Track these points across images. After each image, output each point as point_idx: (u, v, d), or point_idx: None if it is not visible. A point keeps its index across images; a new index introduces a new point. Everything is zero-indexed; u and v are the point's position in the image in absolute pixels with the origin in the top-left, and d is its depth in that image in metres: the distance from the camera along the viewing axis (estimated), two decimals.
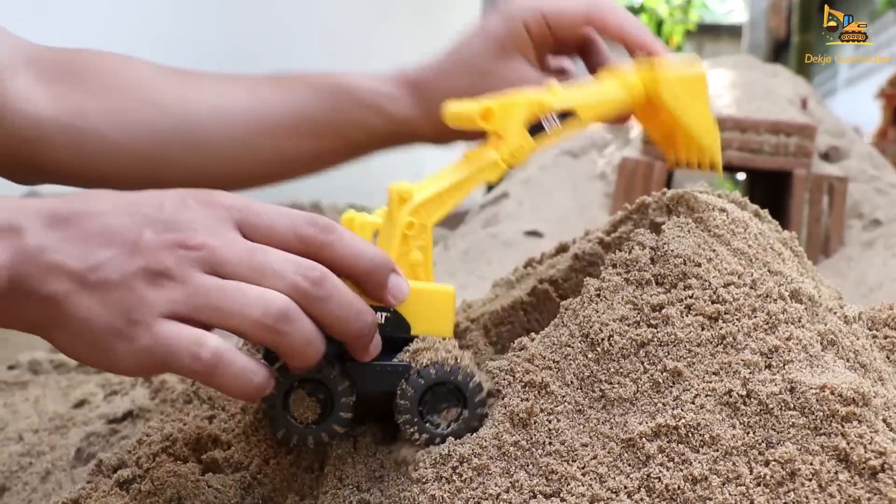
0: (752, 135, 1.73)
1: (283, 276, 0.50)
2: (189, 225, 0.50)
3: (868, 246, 1.69)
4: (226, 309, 0.48)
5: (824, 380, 0.57)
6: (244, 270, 0.50)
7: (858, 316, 0.68)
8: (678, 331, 0.58)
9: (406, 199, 0.60)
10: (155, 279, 0.48)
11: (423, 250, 0.59)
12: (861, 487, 0.53)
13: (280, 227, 0.52)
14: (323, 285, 0.50)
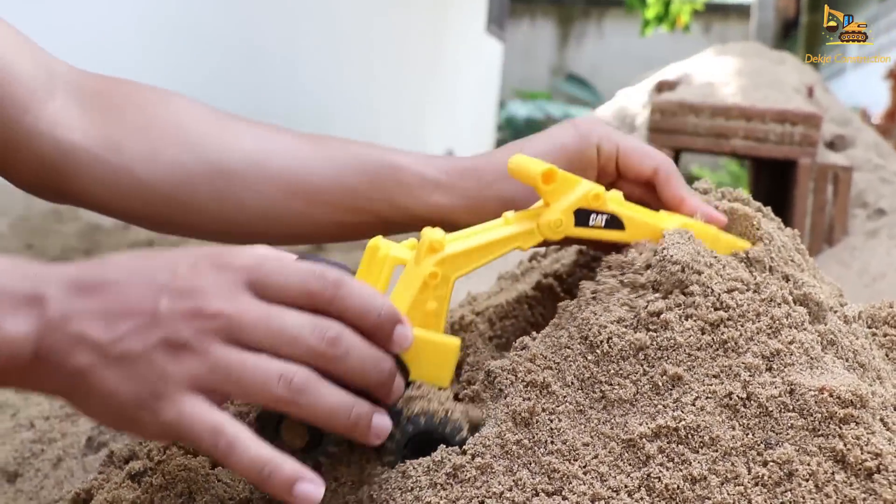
0: (758, 123, 1.74)
1: (300, 341, 0.51)
2: (204, 291, 0.51)
3: (872, 235, 1.69)
4: (246, 383, 0.50)
5: (823, 382, 0.57)
6: (261, 336, 0.50)
7: (858, 315, 0.69)
8: (677, 335, 0.59)
9: (436, 248, 0.60)
10: (175, 351, 0.49)
11: (440, 300, 0.59)
12: (857, 488, 0.54)
13: (291, 285, 0.52)
14: (339, 344, 0.51)
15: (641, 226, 0.66)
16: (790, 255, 0.68)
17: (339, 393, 0.52)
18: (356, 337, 0.53)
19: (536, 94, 7.11)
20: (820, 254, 1.72)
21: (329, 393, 0.51)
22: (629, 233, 0.65)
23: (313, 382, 0.51)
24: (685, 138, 1.80)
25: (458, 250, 0.60)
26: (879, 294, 1.51)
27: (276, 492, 0.50)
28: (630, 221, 0.65)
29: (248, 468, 0.49)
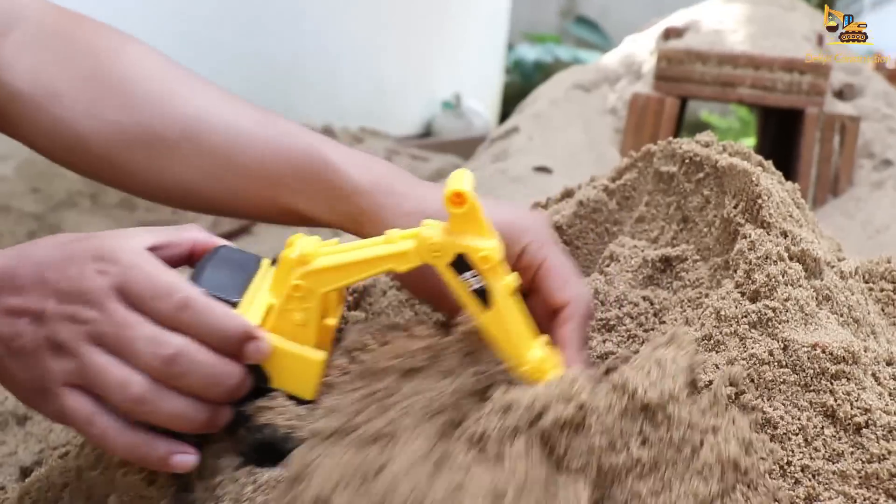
0: (766, 72, 1.72)
1: (139, 356, 0.55)
2: (83, 296, 0.56)
3: (877, 186, 1.69)
4: (101, 386, 0.55)
5: (816, 338, 0.58)
6: (114, 346, 0.55)
7: (855, 270, 0.69)
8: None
9: (304, 261, 0.58)
10: (55, 350, 0.56)
11: (307, 312, 0.58)
12: (845, 442, 0.55)
13: (146, 301, 0.56)
14: (176, 363, 0.55)
15: (505, 326, 0.57)
16: (788, 211, 0.68)
17: (178, 402, 0.56)
18: (201, 353, 0.56)
19: (545, 38, 7.02)
20: (825, 204, 1.71)
21: (167, 403, 0.56)
22: (489, 319, 0.57)
23: (151, 394, 0.55)
24: (692, 86, 1.78)
25: (326, 265, 0.58)
26: (882, 246, 1.51)
27: (155, 468, 0.58)
28: (499, 312, 0.57)
29: (123, 453, 0.57)
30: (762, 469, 0.54)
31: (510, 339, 0.58)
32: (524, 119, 2.06)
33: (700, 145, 0.78)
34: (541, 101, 2.12)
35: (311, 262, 0.58)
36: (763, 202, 0.66)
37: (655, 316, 0.69)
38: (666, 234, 0.78)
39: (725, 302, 0.62)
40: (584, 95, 2.08)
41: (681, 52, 1.84)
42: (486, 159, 1.98)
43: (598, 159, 1.85)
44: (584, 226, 0.85)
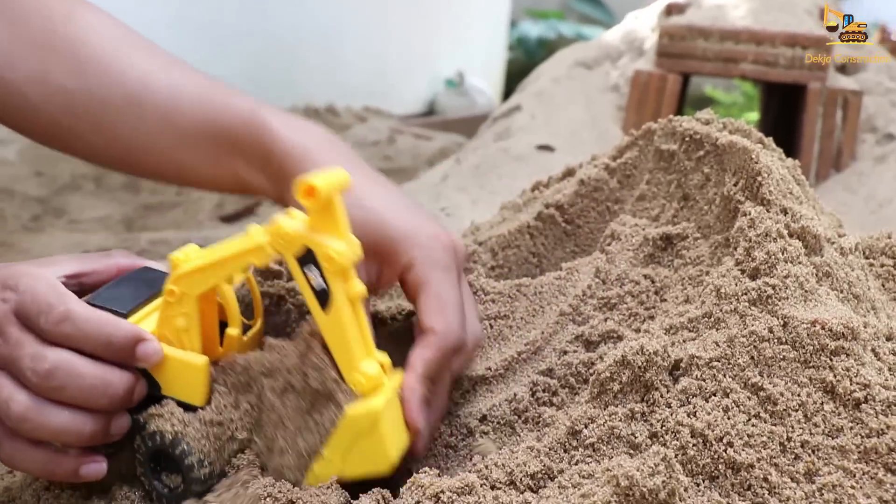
0: (768, 47, 1.71)
1: (22, 374, 0.56)
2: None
3: (880, 161, 1.68)
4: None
5: (816, 315, 0.58)
6: (8, 367, 0.56)
7: (855, 246, 0.69)
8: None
9: (175, 266, 0.59)
10: None
11: (186, 317, 0.59)
12: (845, 417, 0.55)
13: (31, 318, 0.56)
14: (53, 376, 0.55)
15: (342, 334, 0.56)
16: (788, 188, 0.68)
17: (63, 415, 0.56)
18: (81, 364, 0.56)
19: (548, 14, 6.97)
20: (827, 179, 1.71)
21: (52, 417, 0.56)
22: (326, 322, 0.56)
23: (31, 411, 0.55)
24: (694, 63, 1.78)
25: (192, 268, 0.58)
26: (885, 220, 1.51)
27: (68, 479, 0.58)
28: (337, 315, 0.56)
29: (33, 471, 0.58)
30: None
31: (343, 346, 0.56)
32: (526, 97, 2.05)
33: (700, 123, 0.78)
34: (543, 78, 2.12)
35: (179, 266, 0.59)
36: (763, 179, 0.66)
37: (657, 294, 0.69)
38: (667, 212, 0.78)
39: (725, 279, 0.62)
40: (587, 73, 2.07)
41: (682, 29, 1.84)
42: (488, 138, 1.98)
43: (601, 137, 1.84)
44: (585, 204, 0.85)
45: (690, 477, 0.53)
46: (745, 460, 0.53)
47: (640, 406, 0.57)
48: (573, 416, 0.57)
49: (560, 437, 0.56)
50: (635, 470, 0.50)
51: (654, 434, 0.55)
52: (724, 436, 0.54)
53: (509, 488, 0.54)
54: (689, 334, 0.61)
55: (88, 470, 0.58)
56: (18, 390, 0.55)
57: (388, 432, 0.56)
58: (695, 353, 0.58)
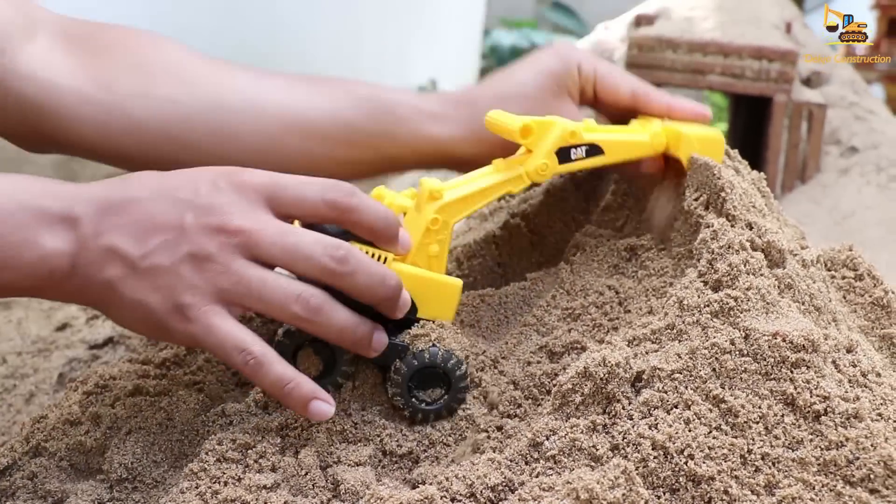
0: (735, 59, 1.73)
1: (312, 259, 0.54)
2: (226, 209, 0.54)
3: (844, 173, 1.70)
4: (267, 300, 0.54)
5: (777, 327, 0.59)
6: (278, 253, 0.54)
7: (817, 259, 0.70)
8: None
9: (436, 196, 0.64)
10: (200, 264, 0.53)
11: (441, 244, 0.64)
12: (804, 429, 0.56)
13: (309, 196, 0.56)
14: (348, 262, 0.55)
15: (618, 145, 0.72)
16: (752, 202, 0.69)
17: (348, 314, 0.56)
18: (365, 256, 0.57)
19: (522, 23, 7.00)
20: (793, 191, 1.73)
21: (339, 314, 0.56)
22: (609, 155, 0.71)
23: (327, 304, 0.55)
24: (663, 74, 1.79)
25: (456, 197, 0.65)
26: (849, 232, 1.53)
27: (294, 406, 0.56)
28: (607, 145, 0.71)
29: (272, 384, 0.55)
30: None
31: (632, 145, 0.72)
32: None
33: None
34: None
35: (442, 196, 0.64)
36: (726, 195, 0.67)
37: (620, 305, 0.69)
38: (631, 223, 0.78)
39: (688, 291, 0.62)
40: None
41: (651, 40, 1.84)
42: None
43: None
44: (551, 215, 0.85)
45: (651, 489, 0.53)
46: (705, 473, 0.53)
47: (602, 418, 0.57)
48: (535, 427, 0.57)
49: (521, 449, 0.56)
50: (595, 483, 0.50)
51: (616, 446, 0.55)
52: (685, 448, 0.54)
53: (469, 500, 0.54)
54: (652, 346, 0.61)
55: (319, 407, 0.56)
56: (308, 285, 0.55)
57: None
58: (657, 365, 0.58)
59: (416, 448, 0.60)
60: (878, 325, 0.71)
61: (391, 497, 0.53)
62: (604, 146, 0.71)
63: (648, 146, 0.73)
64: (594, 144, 0.70)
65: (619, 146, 0.72)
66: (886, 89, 3.60)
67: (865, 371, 0.60)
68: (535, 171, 0.68)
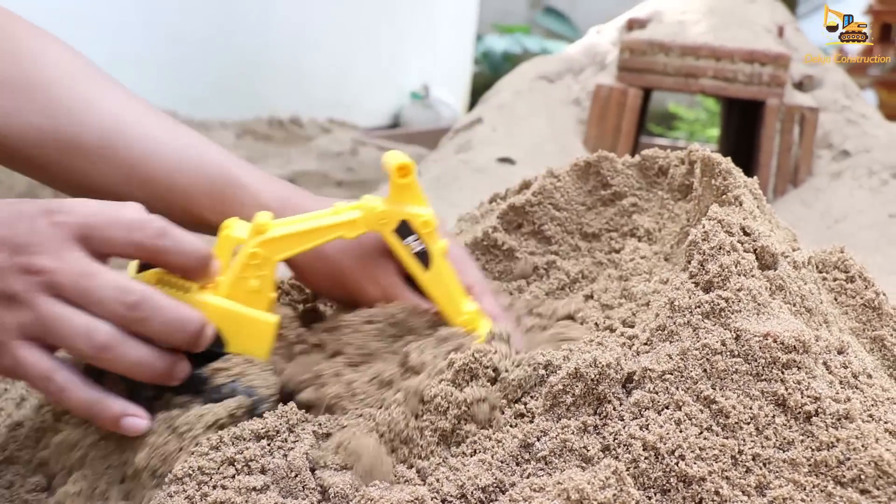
0: (727, 63, 1.74)
1: (103, 304, 0.56)
2: (36, 248, 0.56)
3: (836, 177, 1.71)
4: (62, 337, 0.56)
5: (768, 328, 0.59)
6: (74, 295, 0.56)
7: (808, 260, 0.70)
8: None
9: (260, 230, 0.62)
10: (8, 303, 0.55)
11: (262, 279, 0.62)
12: (795, 430, 0.56)
13: (116, 238, 0.57)
14: (140, 308, 0.56)
15: (442, 283, 0.67)
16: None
17: (143, 349, 0.57)
18: (162, 300, 0.57)
19: (514, 28, 7.01)
20: (785, 194, 1.73)
21: (131, 350, 0.57)
22: (429, 277, 0.67)
23: (117, 340, 0.56)
24: (654, 77, 1.79)
25: (283, 234, 0.63)
26: (840, 235, 1.53)
27: (106, 425, 0.58)
28: (436, 270, 0.67)
29: (77, 408, 0.57)
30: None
31: (448, 294, 0.67)
32: (488, 110, 2.06)
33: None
34: (505, 91, 2.12)
35: (266, 231, 0.62)
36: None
37: None
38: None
39: (679, 292, 0.62)
40: (548, 86, 2.08)
41: (643, 43, 1.85)
42: (449, 150, 1.98)
43: (562, 150, 1.85)
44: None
45: (642, 490, 0.53)
46: (696, 473, 0.53)
47: (593, 419, 0.56)
48: (525, 428, 0.57)
49: (512, 450, 0.56)
50: (586, 483, 0.49)
51: (607, 447, 0.55)
52: (675, 449, 0.54)
53: (460, 501, 0.54)
54: (643, 347, 0.61)
55: (131, 422, 0.58)
56: (97, 320, 0.56)
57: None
58: (648, 366, 0.58)
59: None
60: (869, 326, 0.71)
61: (381, 498, 0.53)
62: (434, 266, 0.67)
63: (459, 313, 0.67)
64: (429, 255, 0.66)
65: (441, 283, 0.67)
66: (879, 94, 3.62)
67: (856, 372, 0.60)
68: (374, 214, 0.65)
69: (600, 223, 0.84)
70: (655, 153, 0.85)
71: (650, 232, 0.82)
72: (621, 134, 1.86)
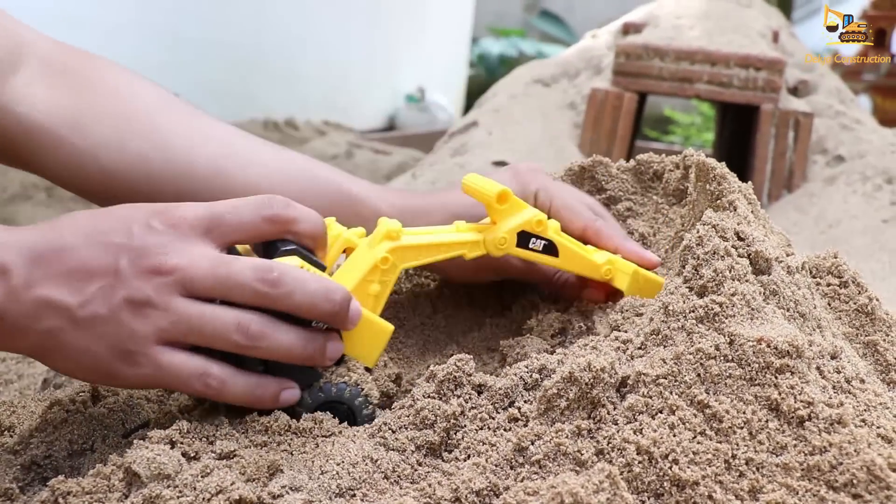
0: (722, 68, 1.74)
1: (245, 286, 0.55)
2: (159, 249, 0.54)
3: (830, 182, 1.71)
4: (209, 334, 0.54)
5: (762, 332, 0.59)
6: (211, 286, 0.54)
7: (802, 265, 0.70)
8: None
9: (393, 237, 0.64)
10: (139, 309, 0.53)
11: (384, 285, 0.63)
12: (788, 435, 0.56)
13: (246, 218, 0.57)
14: (282, 283, 0.55)
15: (574, 256, 0.73)
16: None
17: (294, 332, 0.56)
18: (302, 274, 0.56)
19: (510, 31, 7.02)
20: (779, 199, 1.74)
21: (283, 335, 0.56)
22: (562, 260, 0.72)
23: (269, 327, 0.55)
24: (650, 82, 1.80)
25: (412, 243, 0.65)
26: (834, 240, 1.54)
27: (267, 405, 0.58)
28: (564, 250, 0.72)
29: (242, 396, 0.56)
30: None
31: (583, 263, 0.73)
32: (483, 113, 2.06)
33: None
34: (500, 95, 2.12)
35: (399, 238, 0.64)
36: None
37: None
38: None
39: (673, 297, 0.62)
40: (544, 90, 2.09)
41: (639, 48, 1.86)
42: (445, 153, 1.98)
43: (557, 154, 1.85)
44: None
45: (636, 494, 0.53)
46: (689, 477, 0.53)
47: (587, 423, 0.56)
48: (520, 432, 0.57)
49: (506, 454, 0.56)
50: (580, 487, 0.49)
51: (601, 451, 0.55)
52: (669, 453, 0.54)
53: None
54: (637, 351, 0.61)
55: (287, 395, 0.58)
56: (246, 312, 0.55)
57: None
58: (642, 370, 0.58)
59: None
60: (863, 331, 0.71)
61: (376, 501, 0.53)
62: (561, 250, 0.72)
63: (598, 270, 0.74)
64: (553, 243, 0.71)
65: (573, 257, 0.73)
66: (873, 100, 3.63)
67: (849, 377, 0.61)
68: (494, 241, 0.69)
69: None
70: (650, 158, 0.85)
71: (645, 236, 0.82)
72: (616, 138, 1.86)
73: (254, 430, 0.58)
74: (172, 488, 0.52)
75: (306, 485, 0.54)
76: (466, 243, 0.68)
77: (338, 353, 0.59)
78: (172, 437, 0.56)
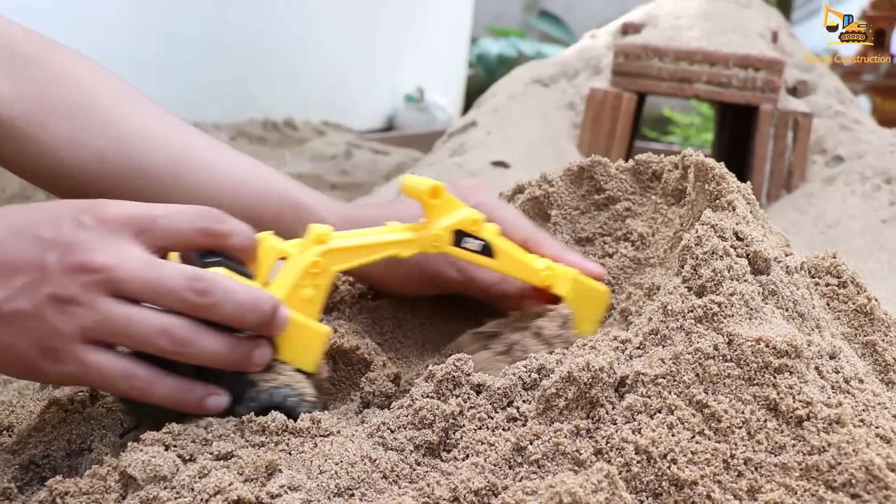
0: (721, 68, 1.74)
1: (174, 293, 0.54)
2: (87, 245, 0.53)
3: (829, 182, 1.71)
4: (134, 337, 0.54)
5: (760, 332, 0.59)
6: (139, 289, 0.54)
7: (800, 265, 0.70)
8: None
9: (322, 240, 0.64)
10: (64, 306, 0.52)
11: (317, 289, 0.63)
12: (787, 435, 0.56)
13: (180, 227, 0.57)
14: (211, 293, 0.55)
15: (510, 258, 0.72)
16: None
17: (220, 338, 0.56)
18: (231, 284, 0.56)
19: (509, 32, 7.02)
20: (778, 200, 1.74)
21: (209, 341, 0.56)
22: (499, 262, 0.71)
23: (195, 333, 0.55)
24: (649, 82, 1.80)
25: (342, 245, 0.65)
26: (833, 240, 1.54)
27: (192, 409, 0.58)
28: (500, 252, 0.71)
29: (166, 398, 0.56)
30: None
31: (521, 265, 0.72)
32: (482, 113, 2.06)
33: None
34: (499, 95, 2.12)
35: (328, 241, 0.63)
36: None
37: None
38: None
39: (672, 296, 0.62)
40: (543, 90, 2.09)
41: (638, 48, 1.86)
42: (443, 153, 1.98)
43: (556, 154, 1.85)
44: (533, 221, 0.86)
45: (634, 494, 0.53)
46: (688, 477, 0.53)
47: (586, 422, 0.56)
48: (518, 432, 0.57)
49: (505, 453, 0.56)
50: (578, 486, 0.49)
51: (599, 451, 0.55)
52: (668, 453, 0.54)
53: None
54: (636, 351, 0.61)
55: (214, 401, 0.58)
56: (172, 316, 0.55)
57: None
58: (641, 370, 0.58)
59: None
60: (861, 331, 0.71)
61: (374, 501, 0.52)
62: (497, 252, 0.71)
63: (537, 274, 0.73)
64: (489, 245, 0.70)
65: (510, 259, 0.72)
66: (872, 100, 3.63)
67: (848, 377, 0.61)
68: (429, 239, 0.68)
69: (594, 227, 0.84)
70: (649, 158, 0.85)
71: (643, 236, 0.82)
72: (615, 138, 1.86)
73: (251, 430, 0.58)
74: (170, 489, 0.52)
75: (305, 484, 0.53)
76: (399, 242, 0.68)
77: (266, 358, 0.59)
78: (165, 440, 0.56)
